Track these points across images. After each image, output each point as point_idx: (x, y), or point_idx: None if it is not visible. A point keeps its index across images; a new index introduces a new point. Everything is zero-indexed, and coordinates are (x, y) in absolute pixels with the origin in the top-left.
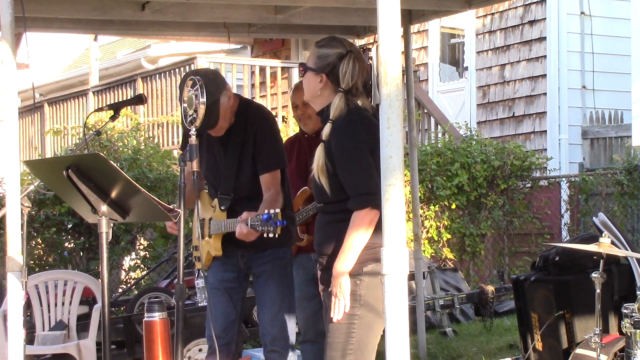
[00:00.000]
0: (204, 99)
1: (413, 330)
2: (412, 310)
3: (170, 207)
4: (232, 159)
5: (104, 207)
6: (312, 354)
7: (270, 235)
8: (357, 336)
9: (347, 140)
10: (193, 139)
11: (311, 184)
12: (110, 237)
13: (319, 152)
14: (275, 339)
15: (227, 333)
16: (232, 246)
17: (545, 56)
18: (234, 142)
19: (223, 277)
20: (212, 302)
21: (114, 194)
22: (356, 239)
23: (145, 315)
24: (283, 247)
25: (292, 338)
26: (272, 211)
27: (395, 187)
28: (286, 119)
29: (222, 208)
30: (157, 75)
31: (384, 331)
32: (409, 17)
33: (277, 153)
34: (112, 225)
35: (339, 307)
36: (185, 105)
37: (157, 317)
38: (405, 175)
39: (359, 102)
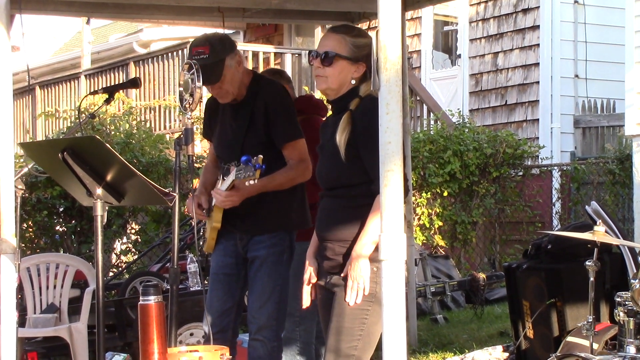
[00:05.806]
0: (200, 83)
1: None
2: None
3: (166, 190)
4: (239, 130)
5: (99, 190)
6: None
7: (251, 182)
8: (368, 322)
9: (377, 121)
10: (189, 123)
11: (317, 169)
12: (105, 220)
13: (346, 118)
14: (261, 328)
15: (222, 320)
16: (230, 227)
17: (538, 44)
18: (243, 114)
19: (223, 262)
20: (210, 288)
21: (109, 177)
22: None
23: (141, 298)
24: (280, 231)
25: (281, 328)
26: (254, 157)
27: (394, 173)
28: None
29: (224, 178)
30: (150, 60)
31: None
32: (404, 3)
33: (292, 124)
34: (106, 208)
35: (359, 291)
36: (181, 89)
37: (152, 300)
38: None
39: None
